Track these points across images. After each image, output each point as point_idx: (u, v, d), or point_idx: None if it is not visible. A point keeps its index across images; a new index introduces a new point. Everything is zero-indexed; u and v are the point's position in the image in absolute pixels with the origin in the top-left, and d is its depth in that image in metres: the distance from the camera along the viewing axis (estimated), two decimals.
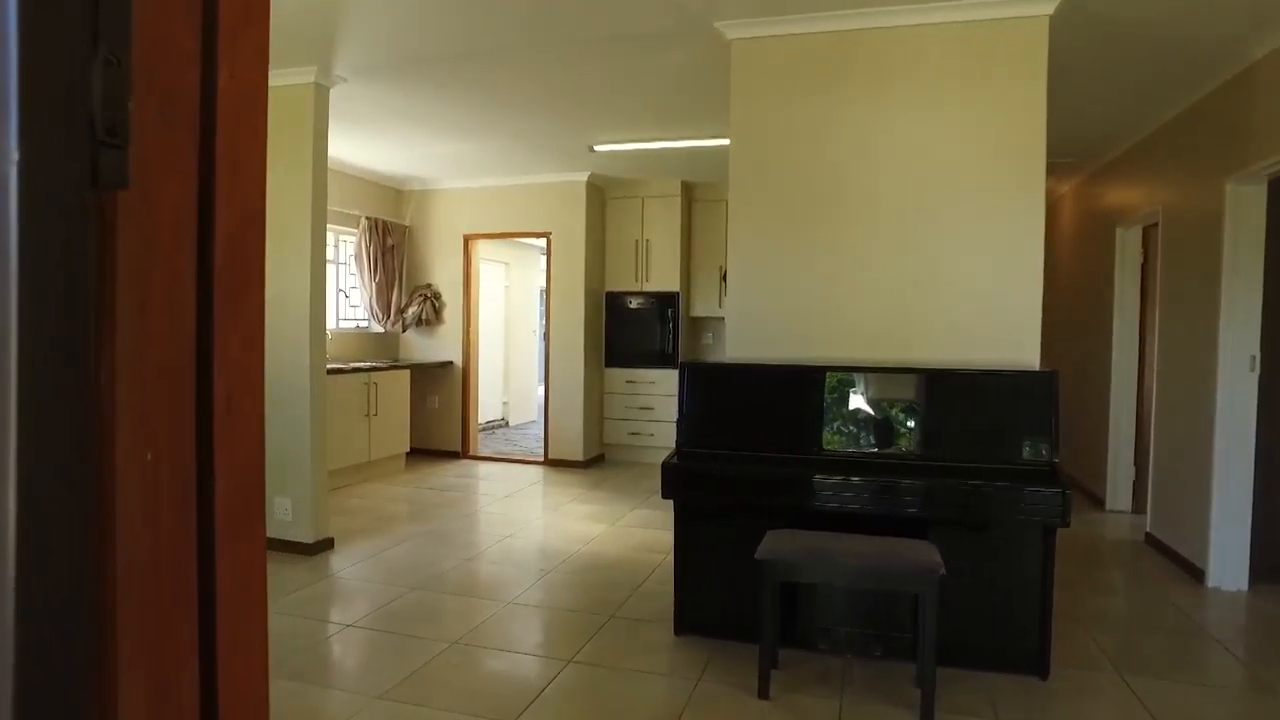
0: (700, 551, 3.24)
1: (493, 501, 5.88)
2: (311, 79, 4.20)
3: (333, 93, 4.46)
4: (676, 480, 3.08)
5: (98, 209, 0.52)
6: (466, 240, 7.68)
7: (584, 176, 7.06)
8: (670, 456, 3.16)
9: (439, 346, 7.76)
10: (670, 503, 3.29)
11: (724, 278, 7.37)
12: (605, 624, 3.45)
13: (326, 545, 4.46)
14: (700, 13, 3.44)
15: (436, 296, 7.78)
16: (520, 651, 3.17)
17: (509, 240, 9.61)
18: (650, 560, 4.38)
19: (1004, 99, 3.24)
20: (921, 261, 3.37)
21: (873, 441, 3.15)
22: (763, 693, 2.72)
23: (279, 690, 2.78)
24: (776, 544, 2.70)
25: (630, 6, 3.40)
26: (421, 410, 7.70)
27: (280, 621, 3.40)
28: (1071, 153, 5.42)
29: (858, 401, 3.19)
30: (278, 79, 4.30)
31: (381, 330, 7.54)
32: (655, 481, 6.60)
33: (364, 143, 5.95)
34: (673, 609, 3.33)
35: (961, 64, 3.30)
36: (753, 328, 3.59)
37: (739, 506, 3.12)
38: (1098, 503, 5.62)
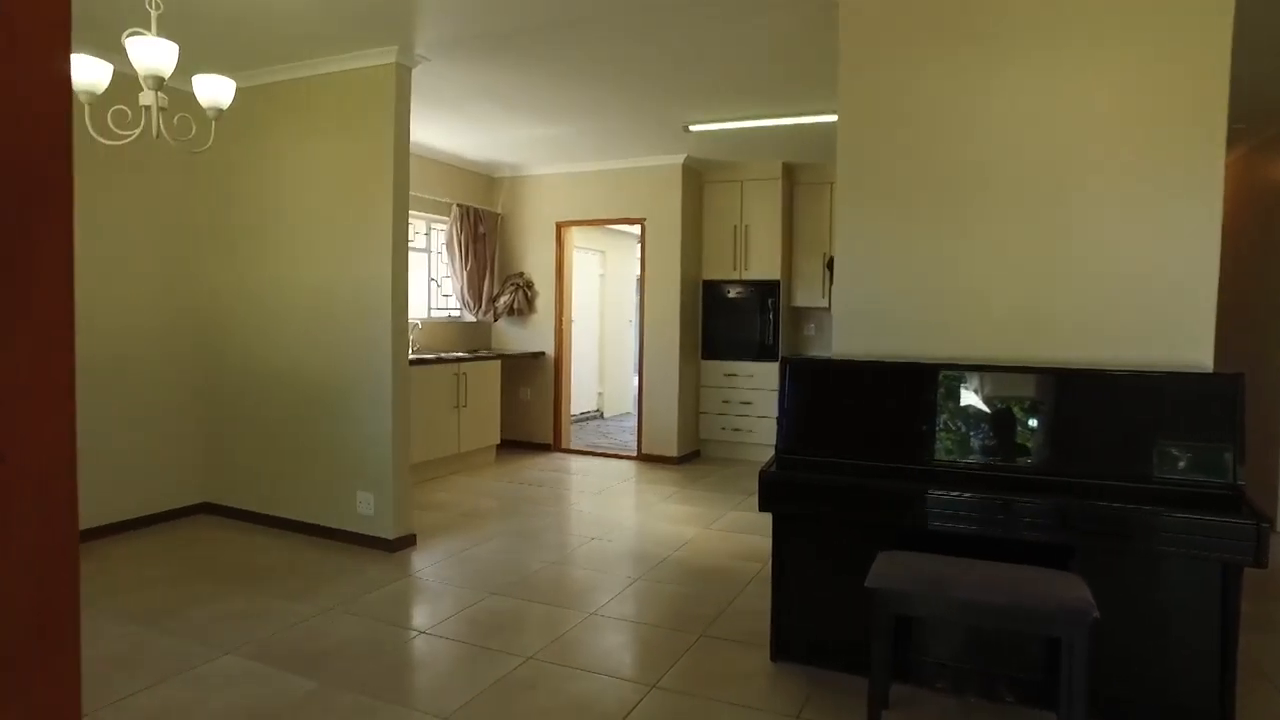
0: (800, 570, 2.90)
1: (582, 498, 5.66)
2: (393, 59, 4.04)
3: (415, 74, 4.29)
4: (775, 492, 2.74)
5: None
6: (559, 227, 7.48)
7: (679, 159, 6.74)
8: (768, 464, 2.81)
9: (531, 336, 7.61)
10: None
11: (828, 266, 6.92)
12: (695, 644, 3.15)
13: (408, 542, 4.33)
14: None
15: (529, 285, 7.63)
16: (600, 672, 2.90)
17: (605, 228, 9.41)
18: (745, 570, 4.04)
19: (1176, 44, 2.72)
20: (1063, 244, 2.89)
21: (998, 453, 2.72)
22: None
23: (342, 704, 2.60)
24: (889, 570, 2.33)
25: None
26: (513, 402, 7.58)
27: (352, 625, 3.25)
28: (1241, 118, 4.72)
29: (981, 406, 2.77)
30: (356, 61, 4.16)
31: (473, 320, 7.45)
32: (752, 481, 6.25)
33: (453, 127, 5.81)
34: (769, 631, 3.00)
35: (1122, 3, 2.79)
36: (862, 320, 3.19)
37: (844, 521, 2.75)
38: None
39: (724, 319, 7.21)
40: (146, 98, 2.50)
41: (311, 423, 4.47)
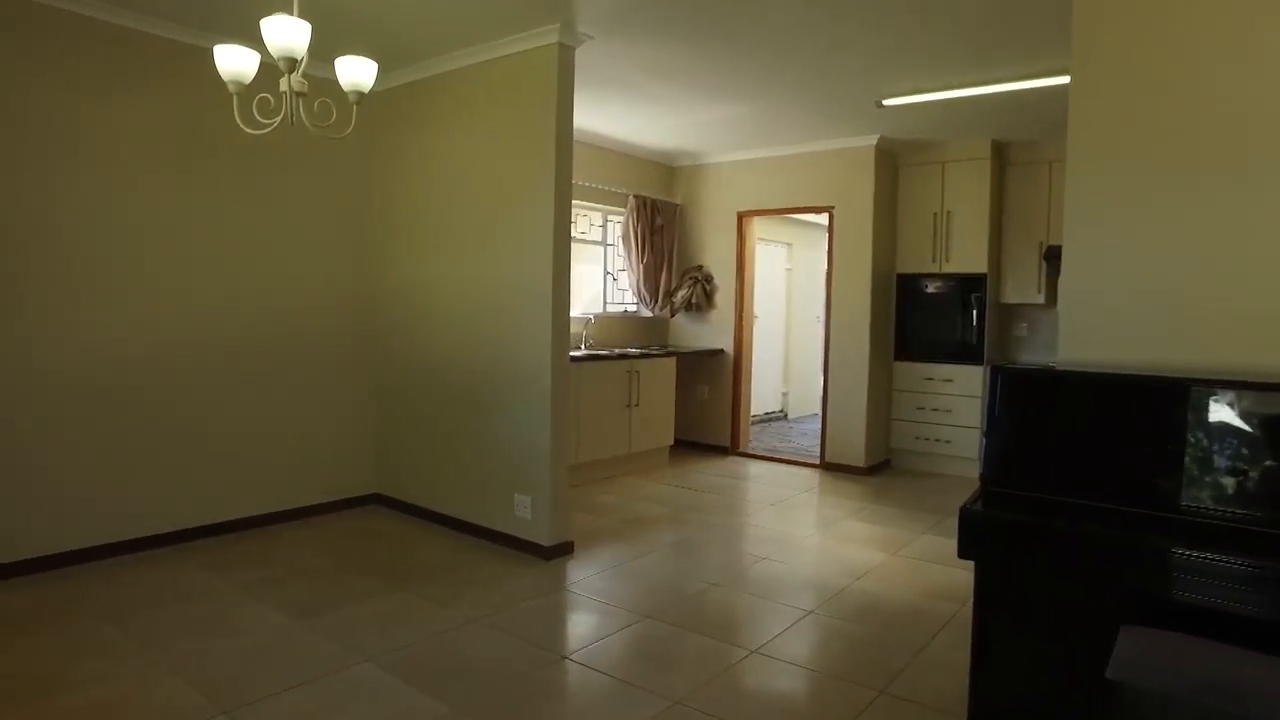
0: (1009, 631, 2.32)
1: (757, 510, 5.23)
2: (554, 39, 3.80)
3: (580, 54, 4.05)
4: (979, 535, 2.19)
5: None
6: (740, 218, 7.07)
7: (872, 140, 6.10)
8: (972, 500, 2.27)
9: (710, 333, 7.26)
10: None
11: (1046, 256, 6.02)
12: (872, 703, 2.65)
13: (565, 549, 4.11)
14: None
15: (708, 279, 7.28)
16: None
17: (792, 219, 8.90)
18: (939, 612, 3.46)
19: None
20: None
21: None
22: None
23: None
24: (1141, 657, 1.74)
25: None
26: (689, 401, 7.27)
27: (494, 640, 3.04)
28: None
29: (1270, 439, 2.06)
30: (516, 44, 3.97)
31: (650, 315, 7.21)
32: (948, 498, 5.56)
33: (626, 113, 5.56)
34: (967, 698, 2.45)
35: None
36: (1099, 320, 2.55)
37: (1069, 578, 2.15)
38: None
39: (921, 316, 6.49)
40: (283, 81, 2.38)
41: (472, 420, 4.38)
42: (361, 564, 3.91)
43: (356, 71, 2.54)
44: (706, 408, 7.29)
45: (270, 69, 2.75)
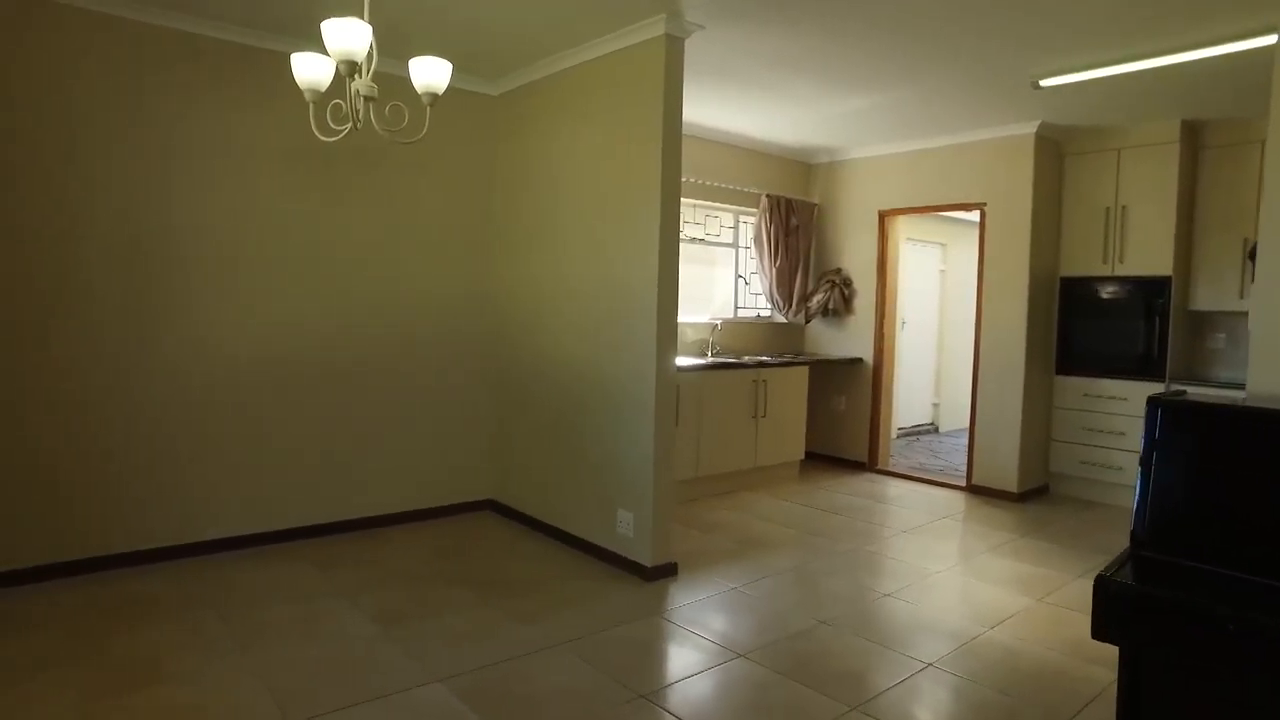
0: None
1: (890, 536, 4.78)
2: (661, 30, 3.57)
3: (693, 46, 3.80)
4: (1126, 614, 1.75)
5: None
6: (882, 217, 6.56)
7: (1031, 128, 5.45)
8: (1116, 565, 1.83)
9: (848, 340, 6.80)
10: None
11: (1252, 255, 5.15)
12: None
13: (667, 571, 3.87)
14: None
15: (846, 283, 6.82)
16: None
17: (947, 217, 8.23)
18: (1090, 678, 2.94)
19: None
20: None
21: None
22: None
23: None
24: None
25: None
26: (824, 413, 6.85)
27: (574, 669, 2.85)
28: None
29: None
30: (620, 40, 3.78)
31: (784, 321, 6.84)
32: (1115, 534, 4.86)
33: (752, 109, 5.23)
34: None
35: None
36: None
37: (1248, 674, 1.68)
38: None
39: (1089, 324, 5.74)
40: (350, 85, 2.30)
41: (578, 430, 4.23)
42: (459, 572, 3.85)
43: (429, 72, 2.43)
44: (843, 420, 6.83)
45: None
